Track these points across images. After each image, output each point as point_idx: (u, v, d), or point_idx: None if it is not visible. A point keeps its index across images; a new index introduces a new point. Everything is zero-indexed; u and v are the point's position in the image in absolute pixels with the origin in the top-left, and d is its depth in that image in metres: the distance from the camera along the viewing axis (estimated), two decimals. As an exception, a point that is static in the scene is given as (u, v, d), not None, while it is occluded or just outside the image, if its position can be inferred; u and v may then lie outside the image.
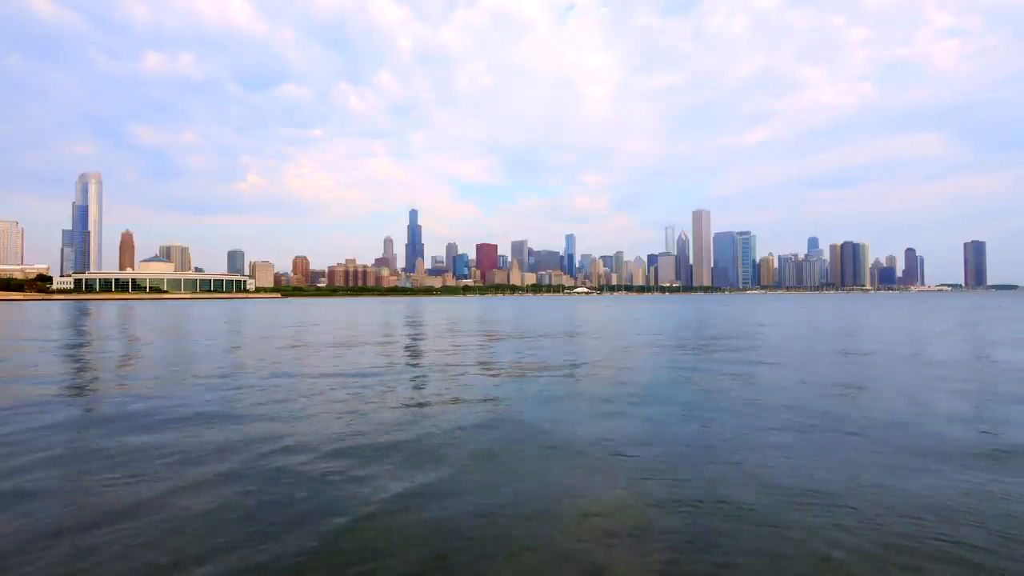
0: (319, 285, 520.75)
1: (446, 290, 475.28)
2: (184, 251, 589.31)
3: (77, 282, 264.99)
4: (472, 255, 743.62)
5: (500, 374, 17.87)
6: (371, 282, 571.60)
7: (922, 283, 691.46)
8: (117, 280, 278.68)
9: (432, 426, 10.78)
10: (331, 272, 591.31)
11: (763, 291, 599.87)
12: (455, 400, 13.49)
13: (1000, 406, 12.35)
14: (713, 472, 7.88)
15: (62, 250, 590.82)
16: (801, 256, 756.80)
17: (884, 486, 7.26)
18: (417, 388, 15.33)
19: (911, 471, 7.89)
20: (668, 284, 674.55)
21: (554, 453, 9.03)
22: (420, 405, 12.93)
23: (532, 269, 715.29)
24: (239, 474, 7.98)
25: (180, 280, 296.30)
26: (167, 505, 6.80)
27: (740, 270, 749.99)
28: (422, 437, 9.98)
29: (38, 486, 7.48)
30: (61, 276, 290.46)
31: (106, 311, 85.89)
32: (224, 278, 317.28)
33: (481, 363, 20.85)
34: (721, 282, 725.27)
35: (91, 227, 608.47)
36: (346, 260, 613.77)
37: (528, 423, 11.06)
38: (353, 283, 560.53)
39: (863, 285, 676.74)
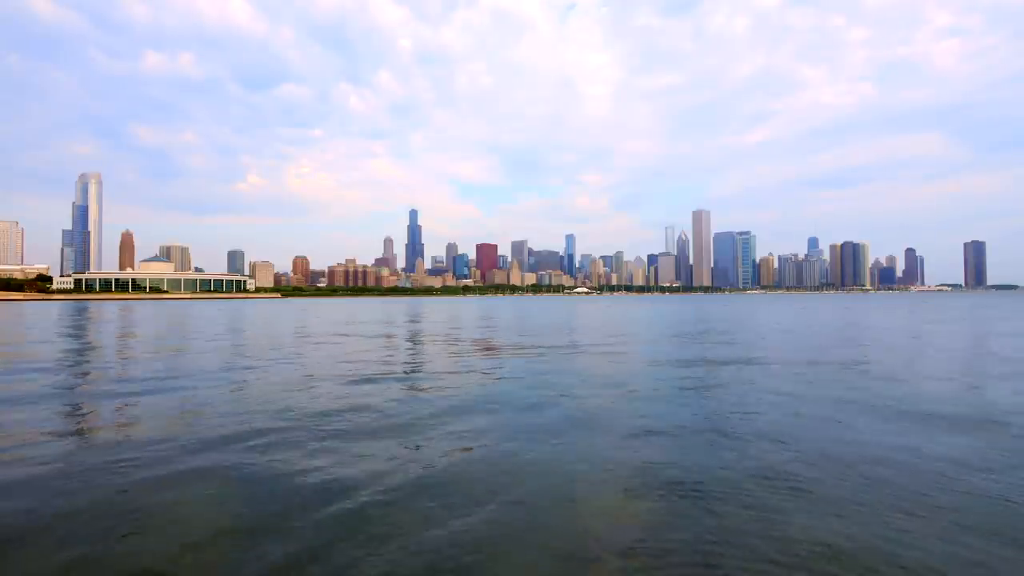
0: (319, 285, 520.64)
1: (446, 290, 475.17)
2: (184, 251, 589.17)
3: (77, 282, 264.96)
4: (472, 255, 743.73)
5: (502, 371, 17.91)
6: (371, 282, 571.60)
7: (922, 283, 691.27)
8: (117, 280, 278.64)
9: (435, 425, 10.79)
10: (331, 272, 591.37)
11: (763, 291, 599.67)
12: (457, 399, 13.51)
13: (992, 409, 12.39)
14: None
15: (62, 250, 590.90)
16: (801, 256, 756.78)
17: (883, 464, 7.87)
18: (418, 387, 15.35)
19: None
20: (668, 284, 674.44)
21: (561, 451, 9.63)
22: (420, 400, 13.03)
23: (532, 269, 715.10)
24: (238, 468, 8.12)
25: (180, 280, 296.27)
26: (164, 501, 6.83)
27: (740, 270, 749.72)
28: (420, 433, 10.09)
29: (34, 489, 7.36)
30: (61, 276, 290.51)
31: (106, 311, 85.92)
32: (224, 278, 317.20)
33: (484, 369, 20.83)
34: (721, 282, 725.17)
35: (91, 227, 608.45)
36: (346, 260, 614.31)
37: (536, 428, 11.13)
38: (353, 283, 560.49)
39: (863, 285, 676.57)
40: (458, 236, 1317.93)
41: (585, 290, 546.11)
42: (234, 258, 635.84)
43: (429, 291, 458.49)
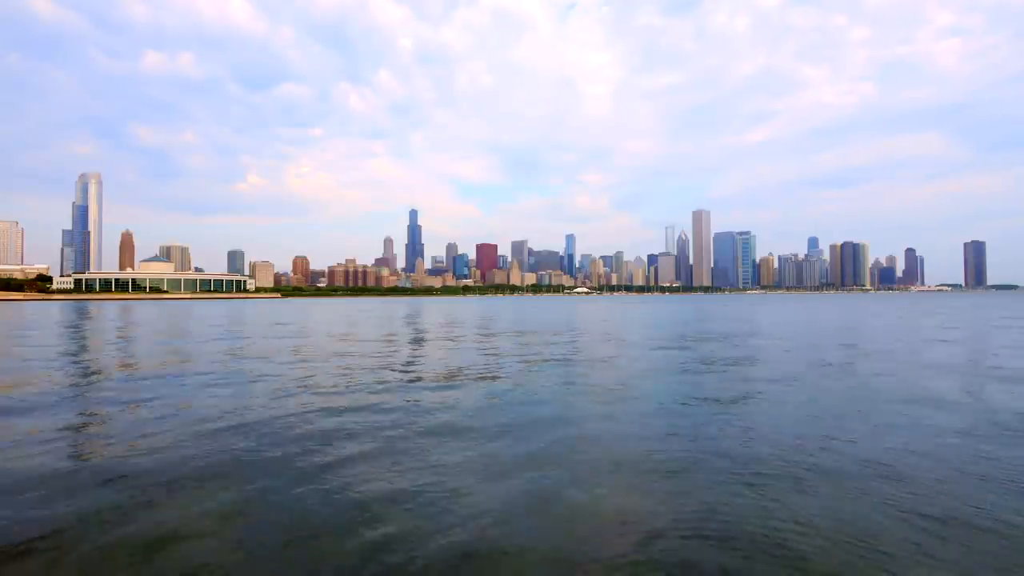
0: (319, 285, 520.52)
1: (446, 290, 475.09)
2: (184, 251, 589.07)
3: (77, 282, 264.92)
4: (472, 255, 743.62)
5: (502, 372, 17.99)
6: (371, 282, 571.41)
7: (922, 283, 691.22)
8: (117, 280, 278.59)
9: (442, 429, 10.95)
10: (331, 272, 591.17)
11: (763, 291, 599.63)
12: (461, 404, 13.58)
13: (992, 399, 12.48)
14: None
15: (62, 250, 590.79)
16: (801, 256, 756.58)
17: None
18: (422, 382, 15.43)
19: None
20: (668, 284, 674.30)
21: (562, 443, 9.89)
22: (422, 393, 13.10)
23: (532, 269, 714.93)
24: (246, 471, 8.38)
25: (180, 280, 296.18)
26: (167, 503, 6.85)
27: (740, 270, 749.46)
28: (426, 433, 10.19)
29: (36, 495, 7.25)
30: (61, 276, 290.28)
31: (107, 311, 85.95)
32: (224, 278, 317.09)
33: (485, 366, 20.90)
34: (721, 282, 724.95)
35: (91, 227, 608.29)
36: (346, 260, 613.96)
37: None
38: (353, 283, 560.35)
39: (863, 285, 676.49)
40: (458, 236, 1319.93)
41: (585, 290, 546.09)
42: (234, 258, 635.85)
43: (429, 291, 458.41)
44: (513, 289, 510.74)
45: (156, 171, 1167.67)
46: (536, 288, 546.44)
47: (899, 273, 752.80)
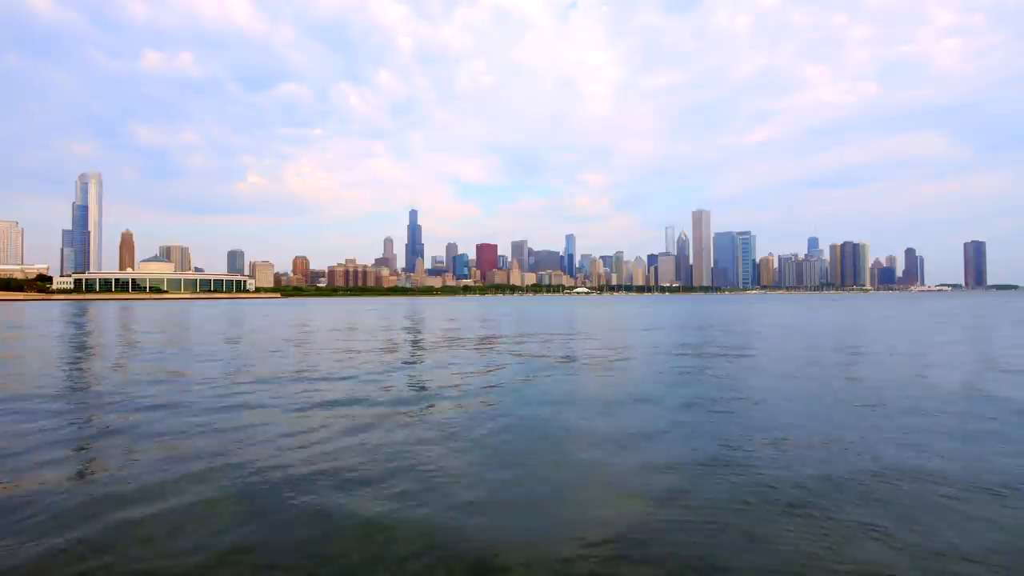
0: (319, 285, 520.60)
1: (446, 290, 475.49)
2: (184, 251, 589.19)
3: (77, 282, 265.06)
4: (472, 255, 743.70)
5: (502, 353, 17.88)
6: (371, 282, 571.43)
7: (922, 283, 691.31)
8: (117, 280, 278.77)
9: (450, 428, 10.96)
10: (331, 272, 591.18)
11: (763, 291, 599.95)
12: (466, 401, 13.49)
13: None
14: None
15: (62, 250, 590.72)
16: (801, 256, 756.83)
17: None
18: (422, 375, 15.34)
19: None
20: (668, 284, 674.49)
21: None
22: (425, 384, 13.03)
23: (532, 269, 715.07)
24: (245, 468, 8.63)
25: (180, 280, 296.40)
26: (166, 500, 7.14)
27: (740, 270, 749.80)
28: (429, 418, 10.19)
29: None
30: (61, 276, 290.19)
31: (107, 312, 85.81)
32: (224, 278, 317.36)
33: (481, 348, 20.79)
34: (721, 282, 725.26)
35: (91, 227, 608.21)
36: (346, 260, 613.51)
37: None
38: (353, 283, 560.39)
39: (863, 285, 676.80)
40: (458, 236, 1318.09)
41: (585, 290, 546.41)
42: (234, 258, 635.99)
43: (429, 291, 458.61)
44: (513, 289, 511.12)
45: (156, 171, 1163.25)
46: (536, 288, 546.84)
47: (899, 273, 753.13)
